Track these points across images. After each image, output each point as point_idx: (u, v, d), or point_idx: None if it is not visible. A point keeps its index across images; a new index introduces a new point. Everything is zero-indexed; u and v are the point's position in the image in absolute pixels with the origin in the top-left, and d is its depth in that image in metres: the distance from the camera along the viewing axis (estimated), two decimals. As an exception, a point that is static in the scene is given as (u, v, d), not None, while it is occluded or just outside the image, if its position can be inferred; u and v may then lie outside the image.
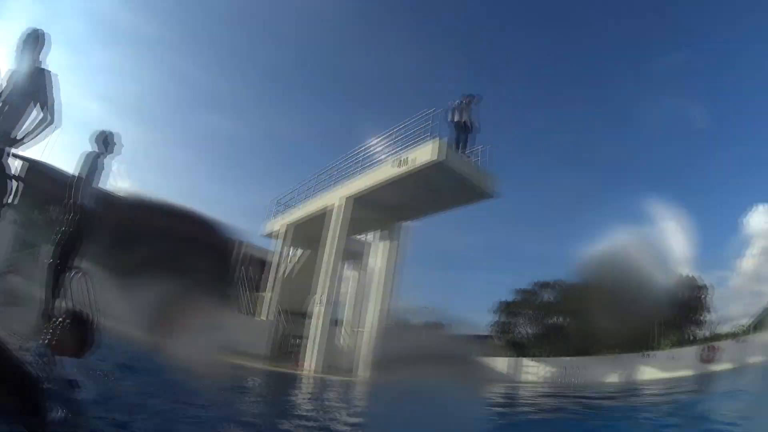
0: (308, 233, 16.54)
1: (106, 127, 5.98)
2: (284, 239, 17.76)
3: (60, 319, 2.97)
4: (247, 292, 20.09)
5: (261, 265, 19.78)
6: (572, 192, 61.52)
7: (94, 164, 5.50)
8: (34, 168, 16.58)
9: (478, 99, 13.24)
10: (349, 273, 18.15)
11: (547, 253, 55.84)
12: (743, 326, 25.60)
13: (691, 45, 55.02)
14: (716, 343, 20.79)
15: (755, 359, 17.57)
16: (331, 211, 14.72)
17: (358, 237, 17.25)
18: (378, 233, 15.37)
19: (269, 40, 54.97)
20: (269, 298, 18.09)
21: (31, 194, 17.23)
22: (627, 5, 54.96)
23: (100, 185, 5.72)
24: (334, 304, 14.72)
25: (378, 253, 15.07)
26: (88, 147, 5.68)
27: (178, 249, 23.63)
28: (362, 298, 16.79)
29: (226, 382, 7.52)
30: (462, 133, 13.01)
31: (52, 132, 4.59)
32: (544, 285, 31.48)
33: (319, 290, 14.18)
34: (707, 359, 19.93)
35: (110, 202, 18.00)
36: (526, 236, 58.98)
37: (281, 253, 17.80)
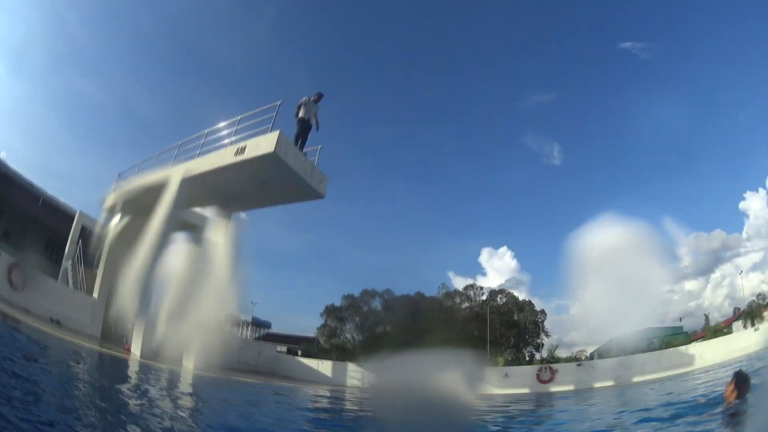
0: (143, 206, 15.80)
1: None
2: (120, 212, 16.83)
3: None
4: (82, 268, 18.93)
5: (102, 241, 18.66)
6: (410, 205, 65.09)
7: None
8: None
9: (322, 97, 13.56)
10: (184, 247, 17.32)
11: (376, 263, 58.24)
12: (586, 354, 27.68)
13: (558, 87, 60.95)
14: (555, 365, 22.17)
15: (599, 384, 18.86)
16: (167, 186, 14.20)
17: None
18: (215, 209, 14.80)
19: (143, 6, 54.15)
20: (100, 275, 17.11)
21: None
22: (500, 47, 60.12)
23: None
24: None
25: (218, 230, 14.39)
26: None
27: (25, 225, 22.29)
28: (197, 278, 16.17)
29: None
30: (304, 131, 13.24)
31: None
32: (372, 294, 32.52)
33: (139, 266, 13.41)
34: (545, 380, 21.06)
35: None
36: (356, 243, 61.35)
37: (112, 226, 16.82)
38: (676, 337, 28.71)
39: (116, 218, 16.96)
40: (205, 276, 13.34)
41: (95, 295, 17.09)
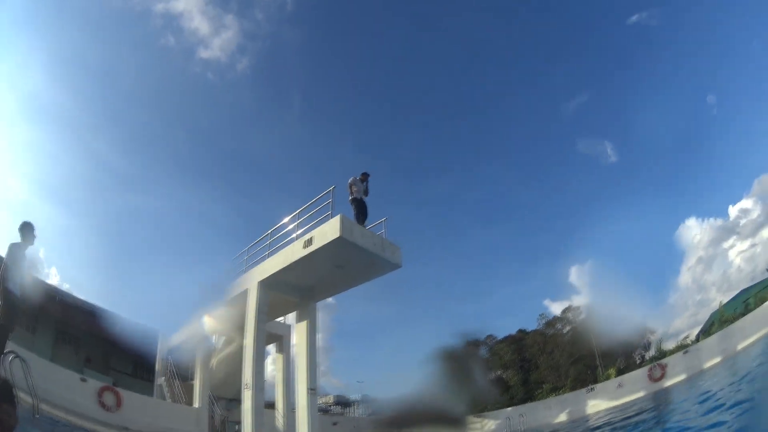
0: (229, 319, 16.32)
1: (29, 210, 6.31)
2: (206, 327, 17.36)
3: None
4: (178, 381, 19.47)
5: (192, 354, 19.24)
6: (487, 247, 64.03)
7: (17, 254, 5.89)
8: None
9: (368, 176, 13.79)
10: (275, 355, 18.02)
11: (467, 312, 57.23)
12: (691, 339, 26.75)
13: (590, 87, 59.92)
14: (664, 361, 21.48)
15: (708, 363, 18.21)
16: (248, 295, 14.60)
17: (279, 320, 17.23)
18: (295, 314, 15.28)
19: (177, 122, 56.87)
20: (199, 385, 17.55)
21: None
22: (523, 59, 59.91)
23: (32, 272, 5.99)
24: (263, 388, 14.34)
25: (297, 334, 14.93)
26: (10, 227, 6.05)
27: (106, 350, 23.19)
28: (288, 379, 16.54)
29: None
30: (361, 209, 13.38)
31: None
32: (475, 343, 32.37)
33: (244, 375, 13.88)
34: (657, 378, 20.47)
35: (50, 294, 17.44)
36: (446, 297, 60.49)
37: (204, 341, 17.35)
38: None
39: (202, 332, 17.40)
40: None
41: (196, 404, 17.59)
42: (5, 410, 2.77)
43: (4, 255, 5.91)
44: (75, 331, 23.03)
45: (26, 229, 6.10)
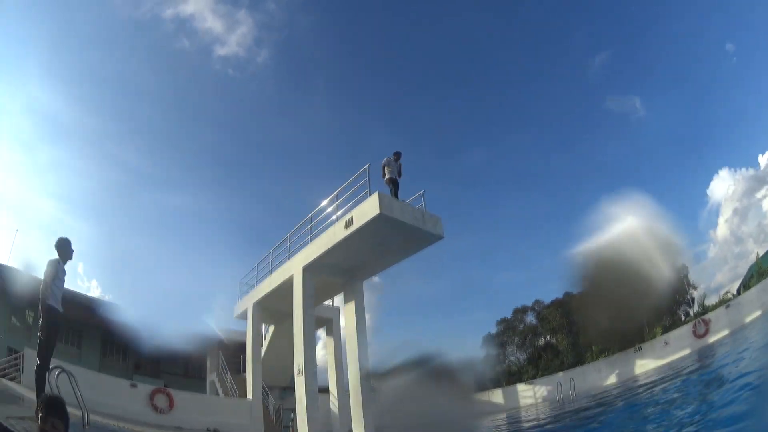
0: (276, 307, 16.55)
1: (61, 227, 6.50)
2: (253, 318, 17.60)
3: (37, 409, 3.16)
4: (230, 375, 19.81)
5: (241, 347, 19.60)
6: (526, 216, 63.20)
7: (56, 270, 5.98)
8: (5, 275, 16.68)
9: (401, 155, 13.84)
10: (325, 340, 18.21)
11: (514, 280, 56.67)
12: (732, 293, 26.25)
13: (611, 46, 58.46)
14: (707, 316, 21.19)
15: (749, 317, 17.98)
16: (292, 282, 14.76)
17: (327, 303, 17.37)
18: (342, 296, 15.37)
19: (201, 121, 57.15)
20: (251, 377, 17.85)
21: (6, 301, 17.16)
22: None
23: (71, 288, 6.25)
24: (315, 373, 14.50)
25: (346, 317, 15.03)
26: (46, 247, 6.18)
27: (153, 356, 23.68)
28: (340, 362, 16.70)
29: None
30: (396, 189, 13.40)
31: None
32: (523, 310, 32.08)
33: (296, 362, 14.09)
34: (701, 334, 20.25)
35: (92, 309, 17.87)
36: (490, 268, 59.90)
37: (253, 332, 17.58)
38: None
39: (251, 322, 17.64)
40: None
41: (249, 397, 17.86)
42: (53, 423, 2.87)
43: (43, 272, 6.02)
44: (120, 339, 23.55)
45: (63, 244, 6.21)
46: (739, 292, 25.61)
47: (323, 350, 18.78)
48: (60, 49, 44.59)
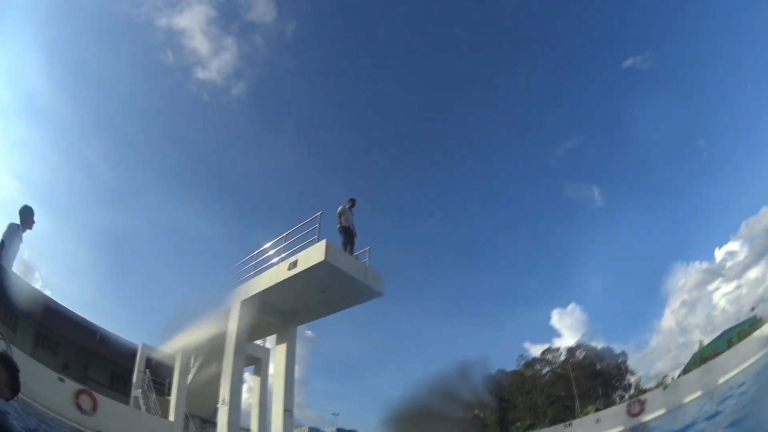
0: (209, 337, 16.32)
1: (15, 208, 6.33)
2: (185, 343, 17.31)
3: None
4: (154, 395, 19.29)
5: (168, 370, 19.17)
6: (467, 288, 64.05)
7: (15, 235, 5.97)
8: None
9: (355, 202, 14.07)
10: (252, 380, 18.00)
11: (450, 352, 56.85)
12: (673, 377, 26.90)
13: (579, 132, 61.02)
14: (642, 397, 21.58)
15: (688, 398, 18.33)
16: (229, 312, 14.64)
17: (258, 342, 17.23)
18: (275, 338, 15.32)
19: (167, 140, 57.29)
20: (174, 400, 17.43)
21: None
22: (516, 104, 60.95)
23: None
24: (239, 405, 14.27)
25: (276, 357, 14.94)
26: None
27: (84, 358, 22.99)
28: (264, 403, 16.45)
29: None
30: (349, 238, 13.60)
31: None
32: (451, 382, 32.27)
33: (222, 392, 13.77)
34: (635, 413, 20.52)
35: (33, 297, 17.31)
36: (424, 335, 59.98)
37: (183, 357, 17.28)
38: (752, 327, 27.58)
39: (181, 348, 17.35)
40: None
41: (171, 418, 17.43)
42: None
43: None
44: (55, 336, 22.82)
45: (26, 213, 6.14)
46: (680, 377, 26.26)
47: (248, 393, 18.48)
48: (51, 25, 44.42)
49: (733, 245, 44.67)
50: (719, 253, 44.73)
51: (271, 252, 14.13)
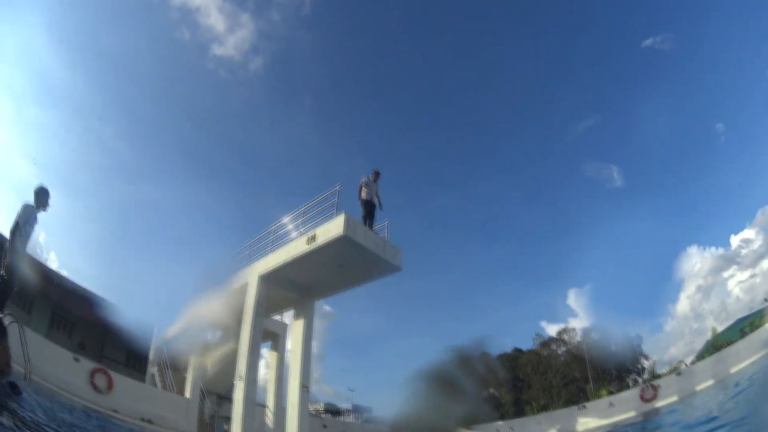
0: (227, 312, 16.35)
1: (30, 190, 6.29)
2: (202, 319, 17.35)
3: None
4: (170, 371, 19.44)
5: (186, 346, 19.26)
6: (487, 266, 63.73)
7: (30, 216, 5.89)
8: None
9: (379, 175, 13.87)
10: (269, 356, 18.06)
11: (467, 329, 56.78)
12: (686, 364, 26.78)
13: (599, 110, 60.20)
14: (656, 381, 21.58)
15: (700, 386, 18.31)
16: (246, 289, 14.66)
17: (276, 317, 17.26)
18: (292, 312, 15.32)
19: (185, 116, 57.06)
20: (191, 377, 17.56)
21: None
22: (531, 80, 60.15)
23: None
24: (256, 380, 14.32)
25: (293, 332, 14.97)
26: (13, 205, 6.06)
27: (100, 337, 23.21)
28: (281, 379, 16.54)
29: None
30: (369, 211, 13.46)
31: None
32: (468, 358, 32.33)
33: (238, 367, 13.87)
34: (648, 398, 20.56)
35: (48, 277, 17.40)
36: (440, 311, 59.95)
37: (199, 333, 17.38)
38: (765, 318, 27.36)
39: (198, 324, 17.42)
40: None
41: (187, 395, 17.57)
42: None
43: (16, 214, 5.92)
44: (70, 316, 23.04)
45: (42, 194, 6.07)
46: (693, 364, 26.15)
47: (265, 368, 18.57)
48: (64, 7, 44.30)
49: (748, 233, 44.17)
50: (735, 240, 44.20)
51: (290, 226, 14.06)
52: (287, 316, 17.44)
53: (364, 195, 13.48)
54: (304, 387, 14.21)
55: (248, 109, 63.56)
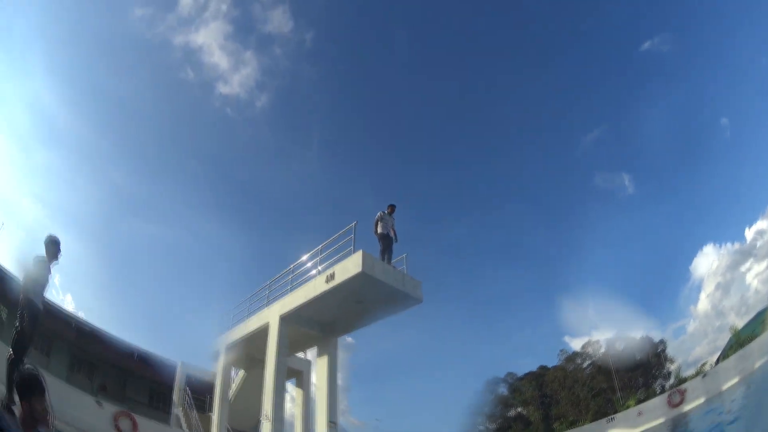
0: (248, 352, 16.38)
1: (42, 233, 6.33)
2: (225, 359, 17.40)
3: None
4: (195, 412, 19.40)
5: (208, 386, 19.27)
6: (506, 291, 63.18)
7: (41, 269, 5.83)
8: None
9: (395, 208, 13.89)
10: (294, 391, 18.01)
11: (487, 352, 56.20)
12: (711, 364, 26.45)
13: (603, 120, 59.89)
14: (682, 386, 21.32)
15: (726, 385, 18.03)
16: (268, 329, 14.65)
17: (299, 354, 17.25)
18: (316, 350, 15.30)
19: (193, 156, 57.23)
20: (216, 417, 17.51)
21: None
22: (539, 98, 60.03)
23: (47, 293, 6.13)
24: (282, 419, 14.26)
25: (317, 369, 14.93)
26: (27, 248, 6.04)
27: (121, 378, 23.26)
28: (308, 416, 16.46)
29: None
30: (387, 245, 13.45)
31: None
32: (495, 381, 32.36)
33: (264, 407, 13.82)
34: (676, 403, 20.33)
35: (66, 321, 17.47)
36: (464, 338, 59.41)
37: (223, 373, 17.36)
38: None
39: (221, 364, 17.44)
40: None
41: (213, 436, 17.53)
42: (36, 401, 2.74)
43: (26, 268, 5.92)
44: (90, 358, 23.11)
45: (51, 245, 6.00)
46: (717, 362, 25.80)
47: (290, 402, 18.52)
48: (69, 52, 44.94)
49: (762, 224, 43.64)
50: (749, 233, 43.65)
51: (308, 264, 14.07)
52: (310, 353, 17.39)
53: (380, 229, 13.48)
54: (332, 423, 14.13)
55: (256, 146, 63.17)
